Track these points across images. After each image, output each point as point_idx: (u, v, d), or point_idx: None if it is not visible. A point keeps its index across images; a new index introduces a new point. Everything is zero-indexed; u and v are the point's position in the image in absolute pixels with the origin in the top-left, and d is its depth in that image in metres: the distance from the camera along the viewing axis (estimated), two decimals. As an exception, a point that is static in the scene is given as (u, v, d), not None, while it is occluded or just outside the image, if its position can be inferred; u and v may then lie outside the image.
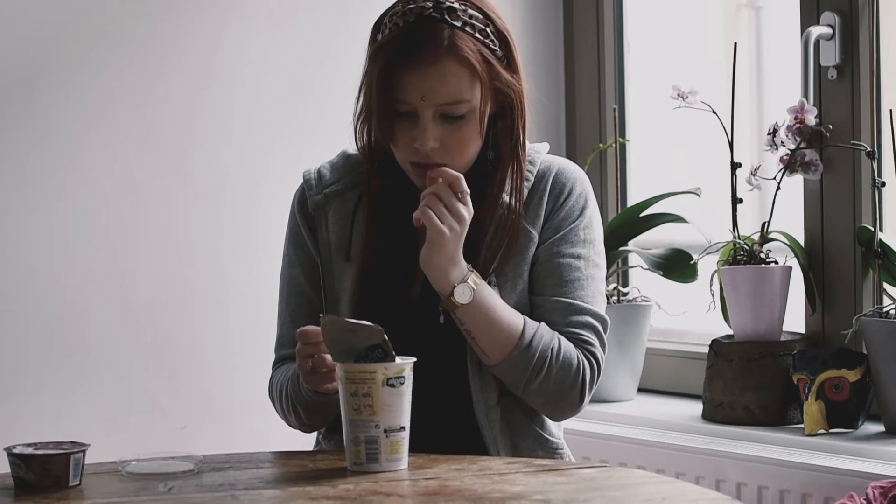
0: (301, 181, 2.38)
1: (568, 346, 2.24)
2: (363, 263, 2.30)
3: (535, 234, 2.29)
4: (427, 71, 2.20)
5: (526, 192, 2.30)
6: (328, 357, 2.11)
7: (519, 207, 2.28)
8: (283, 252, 2.40)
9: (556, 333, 2.24)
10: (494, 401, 2.27)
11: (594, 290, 2.30)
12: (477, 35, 2.22)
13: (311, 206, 2.35)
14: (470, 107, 2.22)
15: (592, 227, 2.32)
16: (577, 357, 2.25)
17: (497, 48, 2.25)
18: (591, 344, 2.26)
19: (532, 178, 2.31)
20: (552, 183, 2.31)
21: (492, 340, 2.22)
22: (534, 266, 2.29)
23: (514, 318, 2.23)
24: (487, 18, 2.24)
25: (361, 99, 2.28)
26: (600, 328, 2.28)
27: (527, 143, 2.34)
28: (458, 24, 2.21)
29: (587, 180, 2.35)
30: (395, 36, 2.22)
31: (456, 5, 2.22)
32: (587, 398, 2.27)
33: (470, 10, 2.23)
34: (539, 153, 2.35)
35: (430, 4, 2.22)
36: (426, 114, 2.21)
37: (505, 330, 2.22)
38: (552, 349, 2.22)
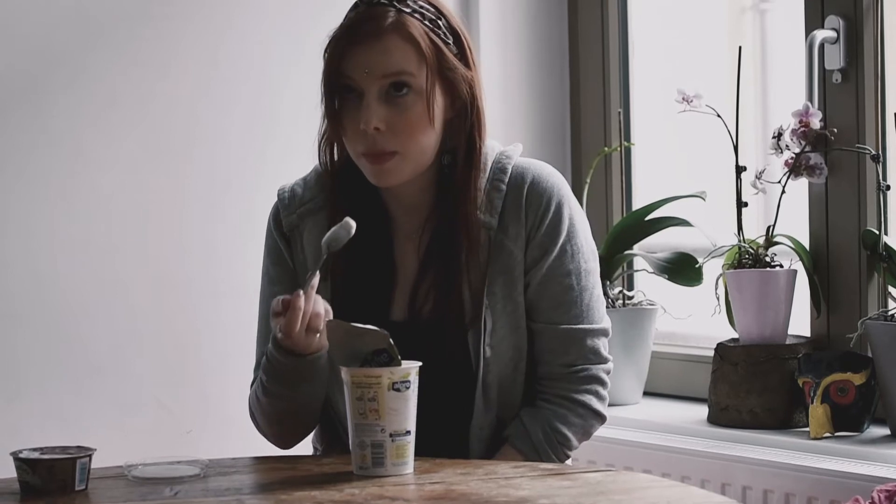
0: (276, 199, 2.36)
1: (568, 417, 2.26)
2: (339, 285, 2.27)
3: (519, 254, 2.26)
4: (371, 45, 2.19)
5: (499, 203, 2.26)
6: (320, 312, 2.11)
7: (478, 210, 2.24)
8: (262, 269, 2.37)
9: (548, 418, 2.26)
10: (489, 431, 2.27)
11: (589, 301, 2.28)
12: (427, 23, 2.21)
13: (285, 227, 2.33)
14: (415, 83, 2.19)
15: (577, 233, 2.28)
16: (583, 407, 2.27)
17: (450, 43, 2.23)
18: (591, 372, 2.28)
19: (504, 188, 2.27)
20: (528, 196, 2.26)
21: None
22: (527, 289, 2.27)
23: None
24: (439, 12, 2.24)
25: (322, 109, 2.25)
26: (600, 345, 2.29)
27: (497, 145, 2.30)
28: (407, 10, 2.21)
29: (563, 183, 2.30)
30: (343, 24, 2.23)
31: None
32: (605, 416, 2.31)
33: (421, 2, 2.23)
34: (510, 158, 2.30)
35: None
36: (371, 91, 2.18)
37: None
38: (557, 444, 2.26)
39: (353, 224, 2.12)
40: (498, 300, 2.25)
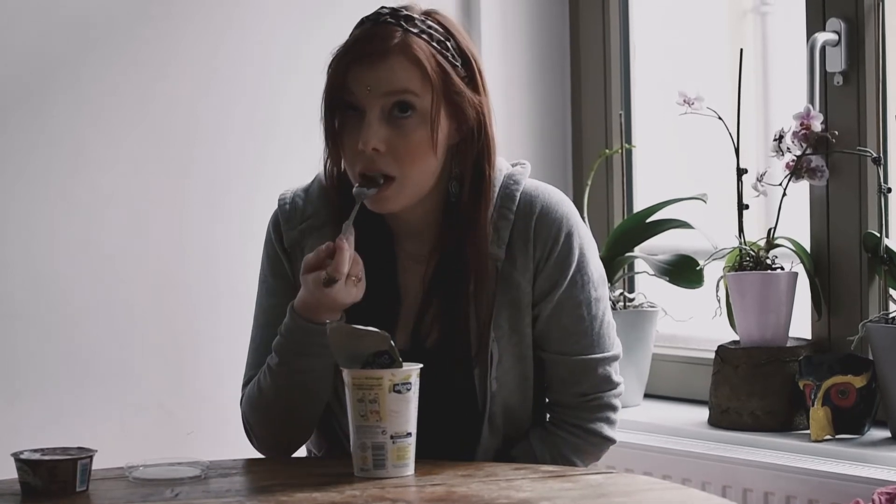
0: (276, 206, 2.32)
1: (580, 447, 2.27)
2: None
3: (527, 286, 2.22)
4: (375, 64, 2.14)
5: (506, 234, 2.21)
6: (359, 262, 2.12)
7: (489, 244, 2.20)
8: (259, 276, 2.33)
9: (559, 446, 2.26)
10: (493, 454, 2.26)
11: (600, 329, 2.26)
12: (434, 44, 2.16)
13: (286, 243, 2.28)
14: (420, 105, 2.14)
15: (587, 262, 2.25)
16: (595, 436, 2.27)
17: (459, 66, 2.18)
18: (603, 400, 2.26)
19: (511, 217, 2.22)
20: (536, 228, 2.22)
21: None
22: (536, 321, 2.24)
23: None
24: (448, 34, 2.19)
25: (322, 128, 2.21)
26: (612, 372, 2.27)
27: (504, 164, 2.26)
28: (415, 30, 2.16)
29: (573, 212, 2.26)
30: (347, 42, 2.19)
31: (415, 16, 2.18)
32: (616, 439, 2.31)
33: (430, 22, 2.18)
34: (518, 184, 2.24)
35: (386, 10, 2.19)
36: (373, 110, 2.13)
37: None
38: (567, 459, 2.26)
39: (382, 178, 2.12)
40: (504, 332, 2.22)
